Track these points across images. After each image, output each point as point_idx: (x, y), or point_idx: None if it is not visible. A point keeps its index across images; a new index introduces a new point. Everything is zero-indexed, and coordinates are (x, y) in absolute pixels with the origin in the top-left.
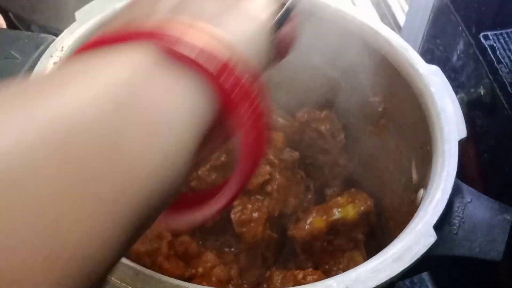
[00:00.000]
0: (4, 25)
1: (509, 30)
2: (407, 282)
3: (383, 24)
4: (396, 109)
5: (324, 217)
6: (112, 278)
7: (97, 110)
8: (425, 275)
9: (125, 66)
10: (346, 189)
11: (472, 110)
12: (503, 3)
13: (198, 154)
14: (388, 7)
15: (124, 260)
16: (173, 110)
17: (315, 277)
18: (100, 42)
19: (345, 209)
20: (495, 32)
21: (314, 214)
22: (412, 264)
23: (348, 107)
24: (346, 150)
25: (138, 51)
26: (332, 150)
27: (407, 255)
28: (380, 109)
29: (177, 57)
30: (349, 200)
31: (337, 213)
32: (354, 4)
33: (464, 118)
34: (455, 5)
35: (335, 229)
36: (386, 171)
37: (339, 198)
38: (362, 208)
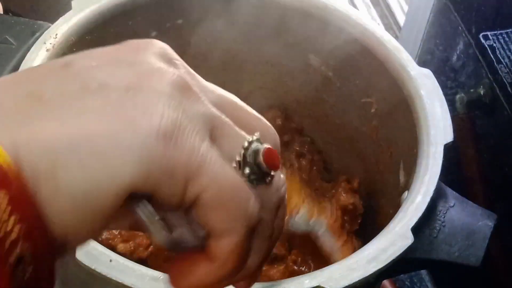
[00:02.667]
0: (0, 11)
1: (508, 30)
2: (406, 282)
3: (379, 25)
4: (388, 110)
5: None
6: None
7: None
8: (425, 275)
9: None
10: None
11: (472, 110)
12: (503, 3)
13: None
14: (388, 7)
15: (99, 248)
16: None
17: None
18: None
19: None
20: (495, 32)
21: None
22: (386, 265)
23: (342, 107)
24: (342, 149)
25: None
26: None
27: (382, 256)
28: (373, 110)
29: None
30: None
31: None
32: (354, 4)
33: (464, 118)
34: (455, 5)
35: None
36: (377, 172)
37: None
38: None
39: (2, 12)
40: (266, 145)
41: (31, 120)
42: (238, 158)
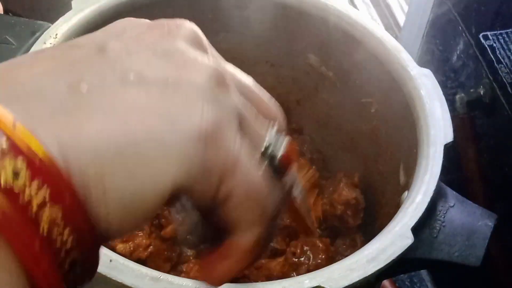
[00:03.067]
0: (1, 11)
1: (508, 30)
2: (406, 282)
3: (379, 25)
4: (388, 110)
5: None
6: None
7: None
8: (425, 275)
9: None
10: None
11: (472, 110)
12: (503, 3)
13: None
14: (388, 7)
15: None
16: None
17: None
18: None
19: None
20: (495, 32)
21: None
22: (387, 265)
23: (342, 107)
24: (341, 149)
25: None
26: None
27: (382, 256)
28: (372, 110)
29: None
30: None
31: None
32: (354, 4)
33: (464, 118)
34: (455, 5)
35: None
36: (376, 172)
37: None
38: None
39: (2, 12)
40: (282, 149)
41: (74, 116)
42: (260, 154)
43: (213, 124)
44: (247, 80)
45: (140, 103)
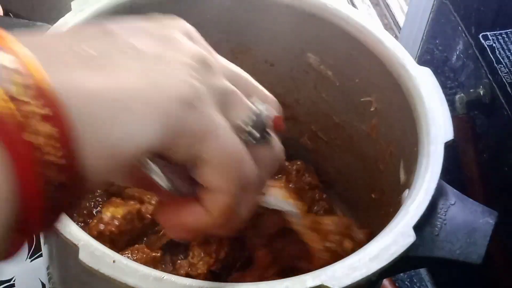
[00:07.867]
0: (0, 12)
1: (508, 31)
2: (406, 282)
3: (378, 24)
4: (387, 109)
5: None
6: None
7: None
8: (424, 275)
9: None
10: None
11: (471, 110)
12: (503, 4)
13: None
14: (388, 7)
15: (101, 248)
16: None
17: None
18: None
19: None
20: (495, 32)
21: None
22: (389, 263)
23: (342, 106)
24: (341, 148)
25: None
26: None
27: (385, 255)
28: (372, 109)
29: None
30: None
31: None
32: (354, 4)
33: (464, 118)
34: (454, 6)
35: None
36: (377, 171)
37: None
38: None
39: (2, 14)
40: (275, 113)
41: (81, 70)
42: (248, 123)
43: (194, 93)
44: (241, 72)
45: (134, 70)
